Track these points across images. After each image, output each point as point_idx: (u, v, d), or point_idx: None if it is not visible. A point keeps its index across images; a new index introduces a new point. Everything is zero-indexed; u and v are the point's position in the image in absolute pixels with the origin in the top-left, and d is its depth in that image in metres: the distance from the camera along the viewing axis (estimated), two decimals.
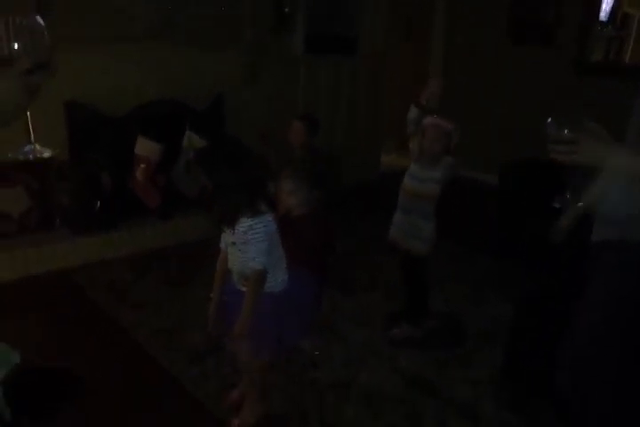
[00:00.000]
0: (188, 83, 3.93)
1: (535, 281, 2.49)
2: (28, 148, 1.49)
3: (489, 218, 3.95)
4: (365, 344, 2.73)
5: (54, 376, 2.40)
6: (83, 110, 3.46)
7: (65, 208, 3.44)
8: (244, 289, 1.96)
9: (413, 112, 2.51)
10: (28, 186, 3.36)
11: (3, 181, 3.25)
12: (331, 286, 3.26)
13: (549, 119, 1.39)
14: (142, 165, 3.62)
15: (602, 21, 4.65)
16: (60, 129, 3.46)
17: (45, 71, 1.12)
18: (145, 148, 3.62)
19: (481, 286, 3.35)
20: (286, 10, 4.26)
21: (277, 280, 1.97)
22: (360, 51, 5.17)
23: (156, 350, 2.62)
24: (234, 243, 1.90)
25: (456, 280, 3.41)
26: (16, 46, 1.04)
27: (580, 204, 1.66)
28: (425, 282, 2.77)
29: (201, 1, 3.93)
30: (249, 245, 1.84)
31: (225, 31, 4.13)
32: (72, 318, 2.89)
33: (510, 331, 2.50)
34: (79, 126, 3.49)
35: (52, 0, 3.19)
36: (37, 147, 2.43)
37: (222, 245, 2.02)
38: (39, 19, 1.06)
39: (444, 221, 2.65)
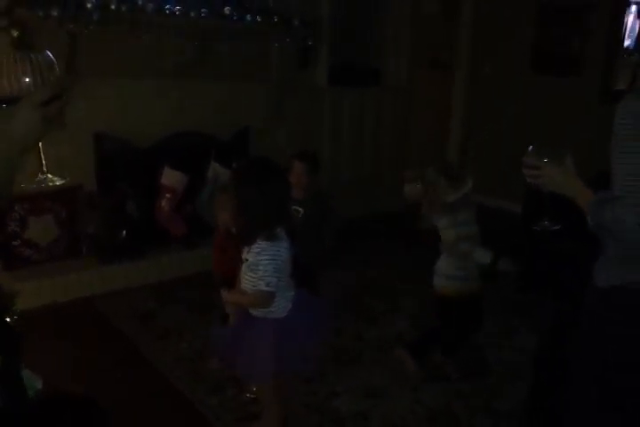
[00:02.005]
0: (215, 115, 4.02)
1: (559, 312, 2.44)
2: (40, 177, 1.55)
3: (514, 246, 3.90)
4: (388, 374, 2.69)
5: (80, 406, 2.40)
6: (111, 141, 3.56)
7: (92, 237, 3.51)
8: (254, 313, 1.97)
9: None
10: (56, 215, 3.44)
11: (32, 209, 3.33)
12: (355, 314, 3.26)
13: (530, 147, 1.55)
14: (168, 195, 3.69)
15: (627, 48, 4.65)
16: (89, 159, 3.56)
17: (60, 102, 1.18)
18: (171, 178, 3.69)
19: (508, 316, 3.29)
20: (310, 43, 4.35)
21: (280, 307, 1.96)
22: (384, 82, 5.24)
23: (178, 379, 2.62)
24: (247, 260, 1.92)
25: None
26: (27, 80, 1.10)
27: (556, 227, 1.67)
28: (454, 324, 2.65)
29: (228, 38, 4.04)
30: (259, 266, 1.86)
31: (252, 65, 4.24)
32: (96, 345, 2.91)
33: (533, 364, 2.44)
34: (107, 156, 3.58)
35: (84, 37, 3.32)
36: (49, 176, 2.48)
37: None
38: (49, 54, 1.13)
39: None
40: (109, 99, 3.58)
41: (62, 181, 1.60)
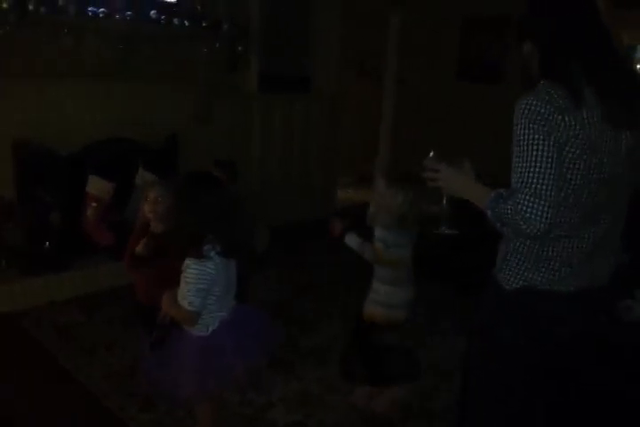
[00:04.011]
0: (142, 121, 3.91)
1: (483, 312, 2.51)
2: None
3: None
4: (321, 381, 2.69)
5: None
6: (30, 148, 3.40)
7: (12, 248, 3.33)
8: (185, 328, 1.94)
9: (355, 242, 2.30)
10: None
11: None
12: (287, 321, 3.25)
13: (431, 153, 1.63)
14: (94, 204, 3.56)
15: None
16: (6, 166, 3.39)
17: None
18: (96, 186, 3.57)
19: (437, 317, 3.36)
20: (240, 48, 4.31)
21: (204, 325, 1.90)
22: (313, 89, 5.26)
23: (106, 395, 2.53)
24: (182, 272, 1.86)
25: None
26: None
27: (453, 232, 1.73)
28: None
29: (155, 41, 3.95)
30: (184, 284, 1.82)
31: (179, 70, 4.16)
32: (18, 363, 2.77)
33: (463, 364, 2.50)
34: (28, 164, 3.42)
35: (2, 38, 3.17)
36: None
37: None
38: None
39: None
40: (28, 102, 3.42)
41: None
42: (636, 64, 4.76)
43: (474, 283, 1.88)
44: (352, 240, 2.30)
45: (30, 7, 3.19)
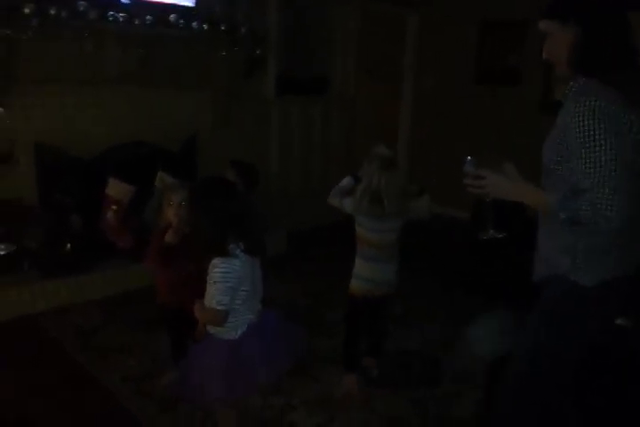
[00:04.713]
0: (161, 125, 3.94)
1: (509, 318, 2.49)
2: None
3: (464, 254, 3.97)
4: (340, 385, 2.67)
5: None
6: (52, 152, 3.43)
7: (33, 251, 3.36)
8: (210, 331, 1.93)
9: (347, 181, 2.60)
10: None
11: None
12: (304, 325, 3.22)
13: (468, 158, 1.58)
14: (114, 207, 3.57)
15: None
16: (29, 171, 3.42)
17: None
18: (116, 189, 3.58)
19: (459, 323, 3.33)
20: (257, 52, 4.33)
21: (232, 328, 1.90)
22: (330, 91, 5.26)
23: (126, 398, 2.53)
24: (208, 274, 1.86)
25: (433, 318, 3.39)
26: None
27: (501, 235, 1.72)
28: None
29: (174, 45, 3.98)
30: (210, 284, 1.82)
31: (198, 74, 4.18)
32: (38, 365, 2.78)
33: (487, 371, 2.47)
34: (49, 168, 3.45)
35: (22, 43, 3.20)
36: None
37: None
38: None
39: (418, 257, 2.64)
40: (50, 108, 3.46)
41: None
42: None
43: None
44: (335, 201, 2.59)
45: (52, 12, 3.22)
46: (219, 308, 1.81)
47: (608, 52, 1.47)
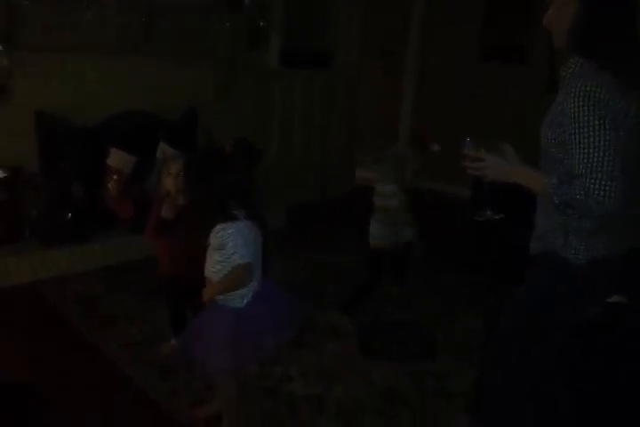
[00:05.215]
0: (162, 95, 3.90)
1: (501, 295, 2.51)
2: None
3: (462, 231, 3.99)
4: (338, 357, 2.71)
5: (14, 391, 2.32)
6: (54, 121, 3.40)
7: (34, 219, 3.36)
8: (218, 302, 1.93)
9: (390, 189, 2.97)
10: None
11: None
12: (303, 299, 3.25)
13: (467, 139, 1.58)
14: (115, 177, 3.55)
15: None
16: (30, 139, 3.40)
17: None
18: (117, 159, 3.55)
19: (455, 300, 3.36)
20: (261, 24, 4.27)
21: (238, 295, 1.90)
22: (334, 64, 5.21)
23: (126, 364, 2.56)
24: (210, 243, 1.87)
25: (430, 294, 3.42)
26: None
27: (498, 216, 1.74)
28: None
29: (176, 15, 3.92)
30: (227, 243, 1.82)
31: (200, 45, 4.13)
32: (40, 332, 2.81)
33: (482, 346, 2.50)
34: (50, 137, 3.43)
35: (23, 11, 3.16)
36: None
37: None
38: None
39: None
40: (51, 76, 3.42)
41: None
42: None
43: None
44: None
45: None
46: (243, 262, 1.82)
47: (608, 31, 1.45)
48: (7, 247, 3.31)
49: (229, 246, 1.82)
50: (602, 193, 1.37)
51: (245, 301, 1.91)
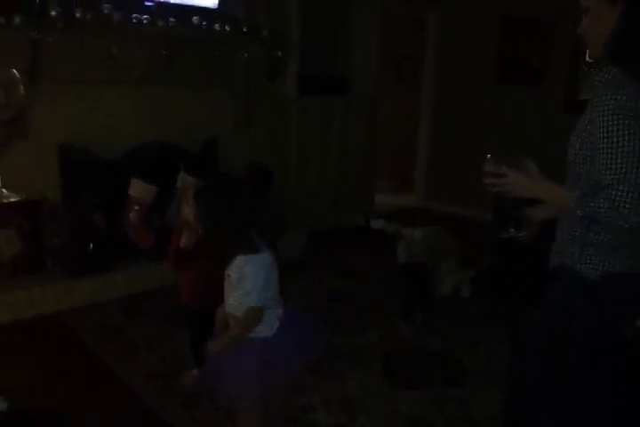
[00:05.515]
0: (183, 126, 3.97)
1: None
2: None
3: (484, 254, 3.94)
4: (362, 385, 2.66)
5: (45, 421, 2.32)
6: (76, 152, 3.47)
7: (57, 250, 3.40)
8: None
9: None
10: (19, 228, 3.33)
11: None
12: (327, 326, 3.22)
13: (488, 156, 1.56)
14: (136, 207, 3.60)
15: (590, 62, 4.76)
16: (53, 171, 3.46)
17: (23, 119, 1.14)
18: (138, 189, 3.60)
19: (483, 324, 3.30)
20: (279, 53, 4.34)
21: (267, 325, 1.86)
22: (352, 91, 5.26)
23: (149, 395, 2.54)
24: (229, 276, 1.85)
25: (456, 319, 3.37)
26: None
27: (522, 234, 1.70)
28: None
29: (196, 46, 4.01)
30: (246, 280, 1.79)
31: (219, 75, 4.21)
32: (63, 362, 2.81)
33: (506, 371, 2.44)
34: (72, 168, 3.50)
35: (48, 45, 3.25)
36: (4, 191, 2.33)
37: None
38: (15, 73, 1.09)
39: None
40: (73, 108, 3.51)
41: (16, 198, 1.55)
42: None
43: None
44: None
45: (77, 15, 3.27)
46: (254, 305, 1.79)
47: None
48: (31, 278, 3.35)
49: (247, 284, 1.78)
50: (627, 205, 1.34)
51: (275, 328, 1.88)
